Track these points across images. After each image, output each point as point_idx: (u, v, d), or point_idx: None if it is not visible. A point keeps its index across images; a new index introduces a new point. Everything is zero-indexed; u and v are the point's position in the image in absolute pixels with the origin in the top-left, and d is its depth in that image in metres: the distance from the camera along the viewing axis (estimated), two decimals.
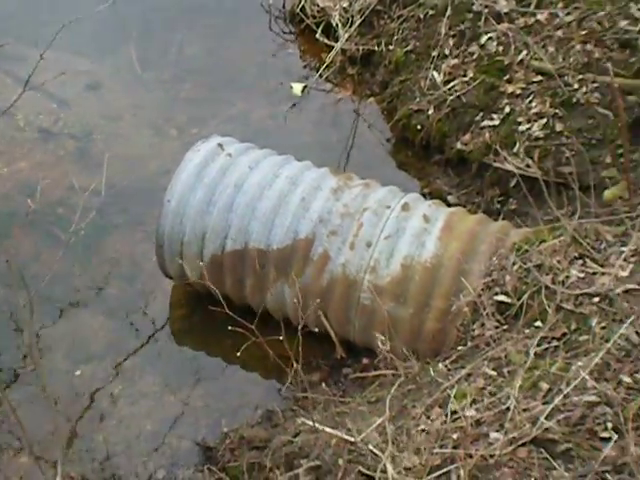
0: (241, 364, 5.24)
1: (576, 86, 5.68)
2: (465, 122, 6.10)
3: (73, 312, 5.60)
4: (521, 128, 5.75)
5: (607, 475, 3.40)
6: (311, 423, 4.09)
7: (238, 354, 4.21)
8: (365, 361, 5.00)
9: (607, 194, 5.11)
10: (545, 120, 5.68)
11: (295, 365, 4.05)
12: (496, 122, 5.92)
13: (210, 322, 4.98)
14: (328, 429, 4.00)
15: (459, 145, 6.06)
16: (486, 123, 5.96)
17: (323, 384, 4.97)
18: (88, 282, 5.76)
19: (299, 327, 4.04)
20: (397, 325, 4.79)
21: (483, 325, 4.53)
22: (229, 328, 4.09)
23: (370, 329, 4.84)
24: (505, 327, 4.45)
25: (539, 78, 5.88)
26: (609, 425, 3.58)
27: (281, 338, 3.94)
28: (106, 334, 5.50)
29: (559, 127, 5.63)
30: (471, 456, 3.61)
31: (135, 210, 6.07)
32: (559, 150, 5.55)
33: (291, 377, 4.21)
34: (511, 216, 5.59)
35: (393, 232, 4.83)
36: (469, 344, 4.51)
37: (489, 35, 6.23)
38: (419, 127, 6.34)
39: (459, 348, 4.54)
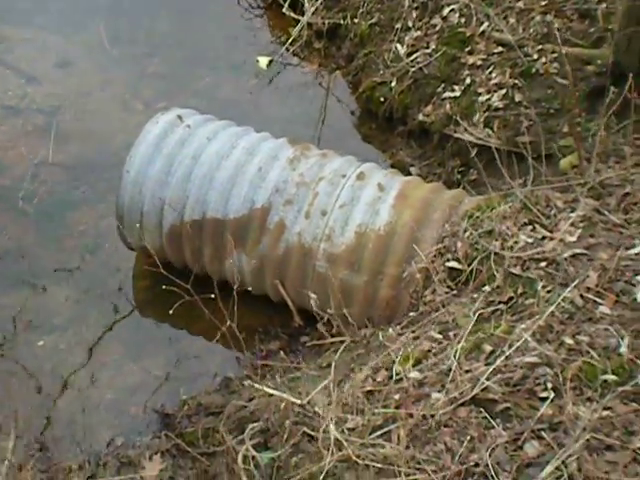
0: (202, 333, 5.29)
1: (535, 56, 5.72)
2: (427, 93, 6.16)
3: (38, 283, 5.63)
4: (481, 99, 5.80)
5: (542, 433, 3.45)
6: (261, 388, 4.17)
7: (170, 312, 4.28)
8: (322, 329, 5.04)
9: (563, 163, 5.17)
10: (505, 90, 5.73)
11: (229, 323, 4.11)
12: (457, 93, 5.97)
13: (173, 293, 5.02)
14: (276, 392, 4.06)
15: (421, 116, 6.12)
16: (447, 94, 6.02)
17: (281, 352, 5.04)
18: (53, 254, 5.81)
19: (234, 288, 4.11)
20: (352, 292, 4.84)
21: (435, 291, 4.58)
22: (163, 287, 4.16)
23: (325, 297, 4.89)
24: (455, 292, 4.50)
25: (500, 49, 5.92)
26: (549, 385, 3.63)
27: (213, 296, 4.01)
28: (70, 305, 5.54)
29: (518, 97, 5.68)
30: (411, 416, 3.67)
31: (100, 184, 6.12)
32: (518, 120, 5.59)
33: (220, 333, 4.26)
34: (471, 186, 5.63)
35: (348, 201, 4.88)
36: (420, 310, 4.56)
37: (451, 7, 6.29)
38: (382, 99, 6.40)
39: (410, 314, 4.59)
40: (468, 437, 3.51)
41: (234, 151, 5.12)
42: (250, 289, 5.12)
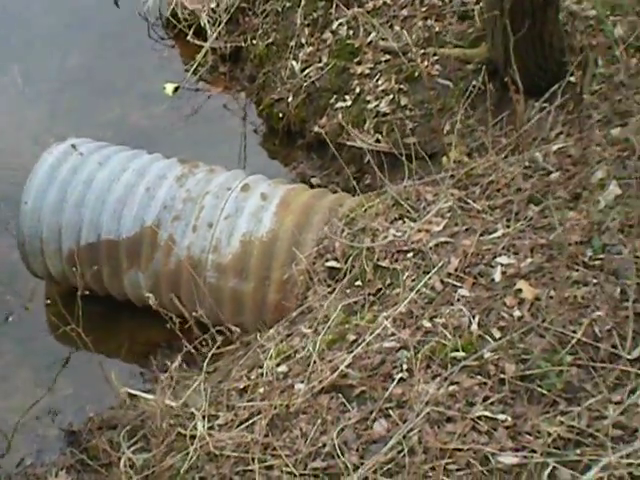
0: (109, 353, 5.44)
1: (419, 61, 5.91)
2: (321, 106, 6.34)
3: None
4: (370, 106, 5.98)
5: (390, 411, 3.62)
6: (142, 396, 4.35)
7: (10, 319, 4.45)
8: (219, 339, 5.19)
9: (445, 160, 5.34)
10: (391, 96, 5.92)
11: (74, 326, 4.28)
12: (348, 103, 6.15)
13: (83, 316, 5.19)
14: (150, 397, 4.24)
15: (317, 128, 6.28)
16: (339, 105, 6.19)
17: (184, 364, 5.20)
18: None
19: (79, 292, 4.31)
20: (242, 300, 5.01)
21: (315, 291, 4.75)
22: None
23: (218, 307, 5.04)
24: (333, 290, 4.67)
25: (386, 57, 6.11)
26: (404, 367, 3.81)
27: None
28: None
29: (404, 101, 5.86)
30: (272, 406, 3.83)
31: (10, 216, 6.25)
32: (404, 123, 5.78)
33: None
34: (367, 191, 5.79)
35: (233, 212, 5.06)
36: (300, 309, 4.72)
37: (340, 21, 6.48)
38: (281, 115, 6.59)
39: (292, 314, 4.75)
40: (321, 421, 3.68)
41: (124, 173, 5.30)
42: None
